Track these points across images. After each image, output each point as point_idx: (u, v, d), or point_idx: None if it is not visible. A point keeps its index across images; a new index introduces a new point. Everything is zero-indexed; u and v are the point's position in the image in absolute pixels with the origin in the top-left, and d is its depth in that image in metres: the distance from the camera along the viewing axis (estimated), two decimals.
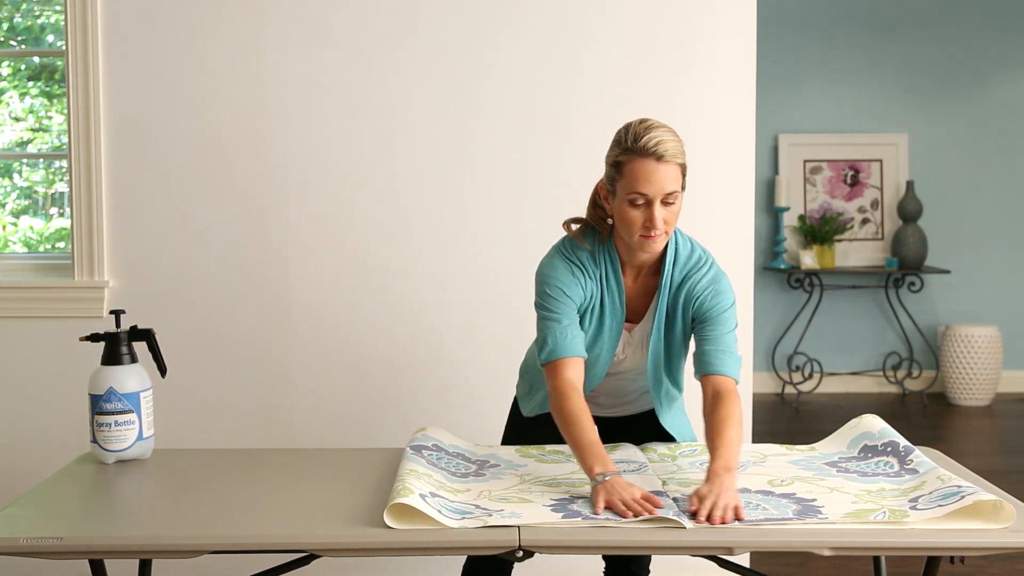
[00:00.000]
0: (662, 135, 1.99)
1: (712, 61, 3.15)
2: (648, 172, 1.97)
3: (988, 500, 1.72)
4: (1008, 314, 6.37)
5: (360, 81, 3.15)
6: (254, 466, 2.12)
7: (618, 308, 2.14)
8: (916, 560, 2.32)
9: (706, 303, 2.12)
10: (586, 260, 2.13)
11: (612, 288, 2.14)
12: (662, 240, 2.03)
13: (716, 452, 1.92)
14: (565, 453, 2.15)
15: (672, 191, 1.99)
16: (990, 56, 6.29)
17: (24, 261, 3.41)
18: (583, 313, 2.13)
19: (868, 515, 1.73)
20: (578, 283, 2.11)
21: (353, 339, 3.21)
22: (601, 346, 2.17)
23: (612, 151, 2.05)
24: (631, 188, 1.99)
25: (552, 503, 1.81)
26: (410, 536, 1.69)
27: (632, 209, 2.00)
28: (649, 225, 2.00)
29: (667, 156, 1.97)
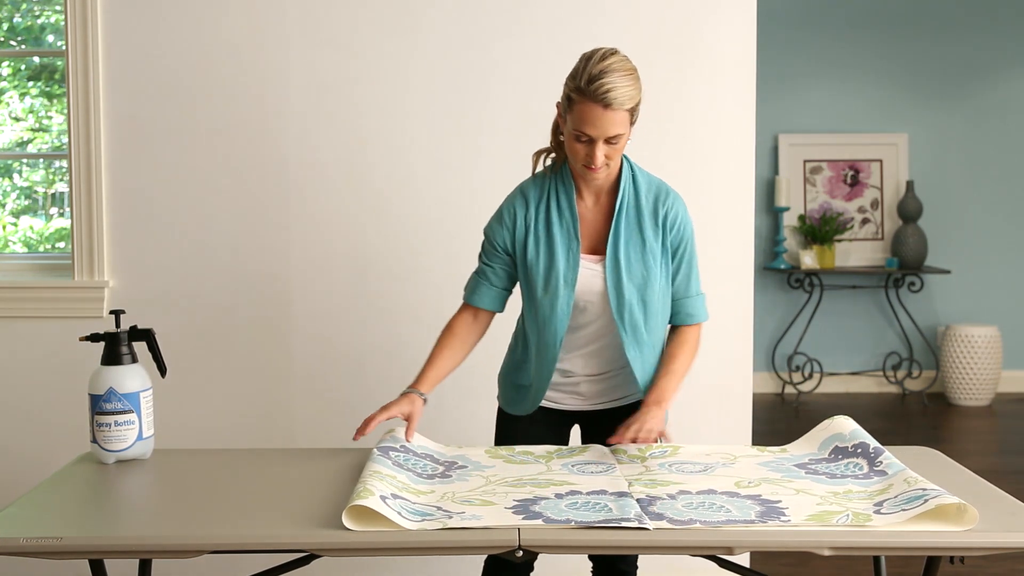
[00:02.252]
0: (615, 81, 2.03)
1: (712, 61, 3.15)
2: (594, 117, 2.04)
3: (952, 503, 1.71)
4: (1008, 314, 6.37)
5: (360, 81, 3.15)
6: (254, 466, 2.12)
7: (570, 232, 2.18)
8: (916, 560, 2.32)
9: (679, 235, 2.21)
10: (529, 190, 2.22)
11: (563, 211, 2.19)
12: (603, 172, 2.12)
13: (654, 383, 2.19)
14: (534, 454, 2.15)
15: (617, 134, 2.07)
16: (990, 56, 6.29)
17: (24, 261, 3.41)
18: (526, 243, 2.20)
19: (831, 517, 1.73)
20: (507, 226, 2.22)
21: (353, 339, 3.21)
22: (557, 278, 2.17)
23: (569, 82, 2.10)
24: (577, 126, 2.07)
25: (514, 504, 1.80)
26: (410, 536, 1.68)
27: (576, 143, 2.09)
28: (589, 160, 2.09)
29: (615, 104, 2.03)
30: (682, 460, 2.10)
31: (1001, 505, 1.85)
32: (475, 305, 2.27)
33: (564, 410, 2.33)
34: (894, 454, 2.24)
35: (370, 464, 1.95)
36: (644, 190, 2.20)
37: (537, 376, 2.27)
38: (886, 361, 6.40)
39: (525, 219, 2.20)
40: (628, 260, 2.18)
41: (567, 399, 2.32)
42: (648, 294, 2.19)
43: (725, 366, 3.23)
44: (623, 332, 2.19)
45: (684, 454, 2.14)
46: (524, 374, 2.33)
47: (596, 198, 2.21)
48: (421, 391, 2.19)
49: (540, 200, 2.20)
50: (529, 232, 2.19)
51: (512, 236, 2.21)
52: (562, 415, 2.34)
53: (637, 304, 2.18)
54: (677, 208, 2.21)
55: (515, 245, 2.22)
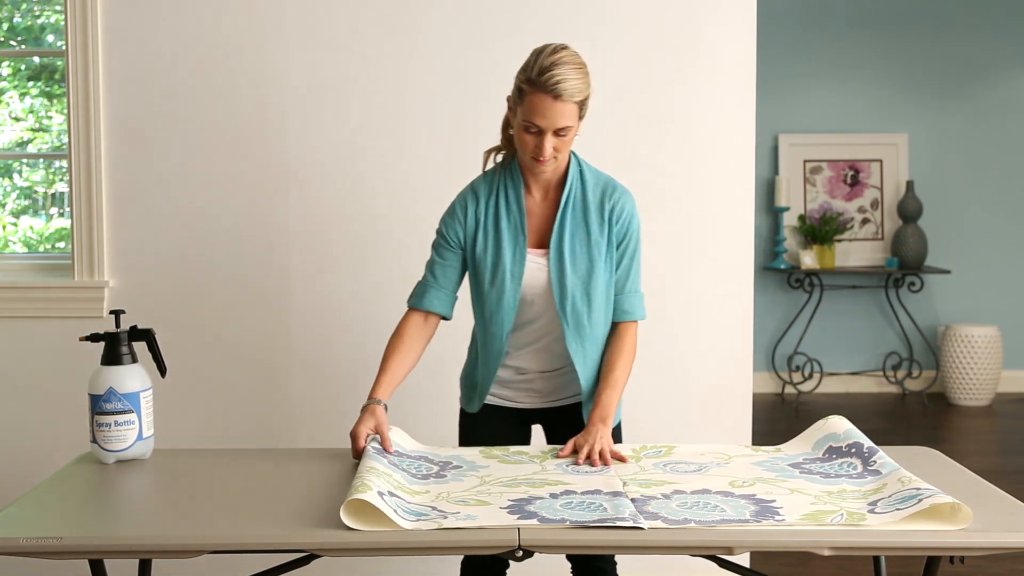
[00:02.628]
0: (565, 73, 2.07)
1: (712, 61, 3.15)
2: (544, 108, 2.08)
3: (946, 503, 1.72)
4: (1008, 314, 6.37)
5: (360, 81, 3.15)
6: (254, 466, 2.12)
7: (517, 226, 2.21)
8: (916, 560, 2.32)
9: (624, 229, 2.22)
10: (479, 186, 2.26)
11: (511, 206, 2.22)
12: (551, 164, 2.15)
13: (597, 400, 2.18)
14: (529, 454, 2.15)
15: (566, 126, 2.10)
16: (990, 56, 6.29)
17: (24, 261, 3.41)
18: (475, 238, 2.23)
19: (825, 517, 1.73)
20: (459, 220, 2.25)
21: (353, 339, 3.21)
22: (503, 272, 2.20)
23: (520, 74, 2.14)
24: (527, 117, 2.10)
25: (509, 504, 1.80)
26: (410, 536, 1.69)
27: (526, 134, 2.12)
28: (538, 152, 2.11)
29: (565, 96, 2.07)
30: (676, 460, 2.10)
31: (1001, 505, 1.85)
32: (424, 309, 2.28)
33: (523, 408, 2.35)
34: (894, 454, 2.24)
35: (365, 460, 1.95)
36: (591, 185, 2.23)
37: (484, 370, 2.30)
38: (886, 361, 6.40)
39: (475, 214, 2.24)
40: (573, 253, 2.20)
41: (523, 397, 2.34)
42: (592, 287, 2.20)
43: (725, 366, 3.23)
44: (565, 325, 2.21)
45: (678, 454, 2.15)
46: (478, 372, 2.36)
47: (544, 193, 2.24)
48: (380, 399, 2.20)
49: (490, 195, 2.24)
50: (479, 227, 2.24)
51: (464, 230, 2.25)
52: (521, 413, 2.36)
53: (580, 297, 2.20)
54: (624, 202, 2.22)
55: (466, 239, 2.25)
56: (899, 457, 2.20)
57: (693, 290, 3.21)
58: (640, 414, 3.22)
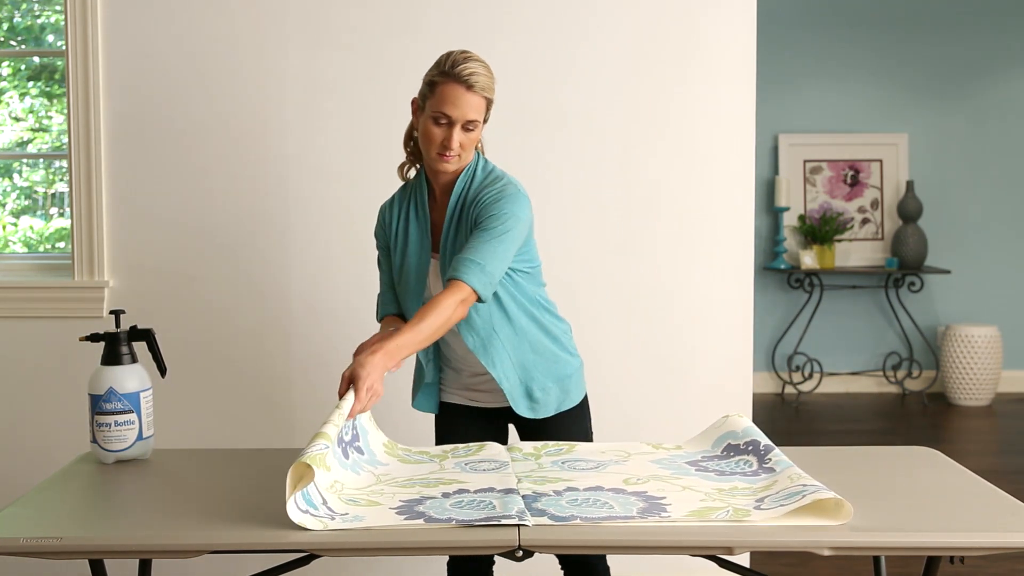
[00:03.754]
0: (477, 68, 2.16)
1: (712, 61, 3.15)
2: (456, 96, 2.14)
3: (829, 498, 1.73)
4: (1008, 314, 6.37)
5: (360, 81, 3.15)
6: (254, 466, 2.12)
7: (424, 232, 2.29)
8: (916, 560, 2.32)
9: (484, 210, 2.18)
10: (397, 194, 2.36)
11: (419, 213, 2.30)
12: (455, 162, 2.20)
13: (390, 333, 2.07)
14: (430, 453, 2.14)
15: (474, 119, 2.17)
16: (990, 55, 6.29)
17: (24, 261, 3.41)
18: (392, 244, 2.33)
19: (711, 513, 1.74)
20: (380, 226, 2.36)
21: (353, 339, 3.19)
22: (408, 274, 2.28)
23: (431, 71, 2.20)
24: (438, 107, 2.15)
25: (399, 505, 1.79)
26: (410, 536, 1.69)
27: (435, 127, 2.17)
28: (446, 144, 2.17)
29: (476, 87, 2.15)
30: (575, 458, 2.10)
31: (1001, 505, 1.85)
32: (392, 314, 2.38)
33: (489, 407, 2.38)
34: (894, 454, 2.24)
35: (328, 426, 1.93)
36: (478, 184, 2.24)
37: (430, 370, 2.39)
38: (886, 361, 6.40)
39: (391, 221, 2.34)
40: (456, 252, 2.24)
41: (485, 397, 2.37)
42: None
43: (725, 366, 3.23)
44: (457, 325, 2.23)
45: (579, 451, 2.15)
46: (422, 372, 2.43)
47: (445, 199, 2.29)
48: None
49: (403, 203, 2.33)
50: (393, 232, 2.33)
51: (386, 235, 2.36)
52: (489, 413, 2.38)
53: None
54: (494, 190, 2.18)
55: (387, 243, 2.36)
56: (899, 457, 2.21)
57: (693, 290, 3.21)
58: (640, 414, 3.22)
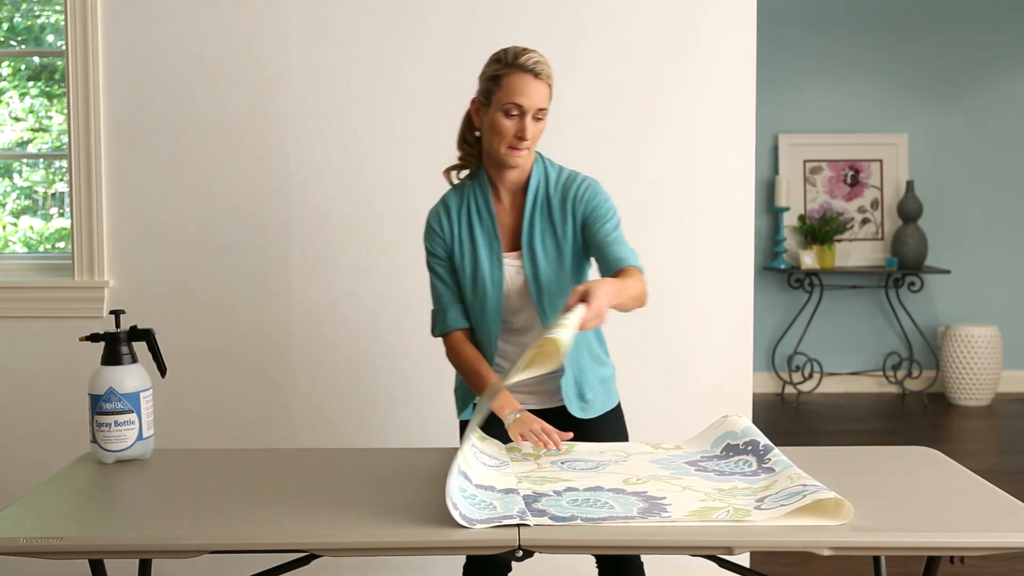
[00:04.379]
0: (539, 56, 2.18)
1: (712, 61, 3.15)
2: (525, 85, 2.15)
3: (829, 498, 1.74)
4: (1008, 314, 6.37)
5: (360, 81, 3.15)
6: (254, 466, 2.12)
7: (491, 234, 2.26)
8: (916, 560, 2.32)
9: (590, 203, 2.23)
10: (450, 199, 2.30)
11: (483, 214, 2.27)
12: (527, 155, 2.20)
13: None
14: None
15: (543, 108, 2.17)
16: (990, 56, 6.29)
17: (24, 261, 3.41)
18: (453, 252, 2.27)
19: (712, 513, 1.74)
20: (437, 234, 2.29)
21: (353, 339, 3.21)
22: (483, 279, 2.24)
23: (490, 67, 2.20)
24: (508, 99, 2.15)
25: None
26: (410, 536, 1.69)
27: (506, 120, 2.16)
28: (520, 135, 2.16)
29: (543, 75, 2.16)
30: (575, 458, 2.10)
31: (1001, 505, 1.85)
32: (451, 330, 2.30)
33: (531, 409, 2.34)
34: (894, 454, 2.24)
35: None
36: (554, 181, 2.27)
37: None
38: (886, 361, 6.40)
39: (450, 226, 2.28)
40: (544, 250, 2.24)
41: (531, 399, 2.35)
42: (562, 276, 2.25)
43: (725, 366, 3.23)
44: (544, 320, 2.25)
45: (578, 452, 2.15)
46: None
47: (512, 198, 2.28)
48: (521, 408, 2.19)
49: (460, 207, 2.29)
50: (455, 239, 2.28)
51: (444, 242, 2.29)
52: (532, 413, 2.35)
53: (557, 292, 2.24)
54: (583, 184, 2.25)
55: (448, 250, 2.29)
56: (899, 457, 2.21)
57: (693, 290, 3.21)
58: (640, 414, 3.22)
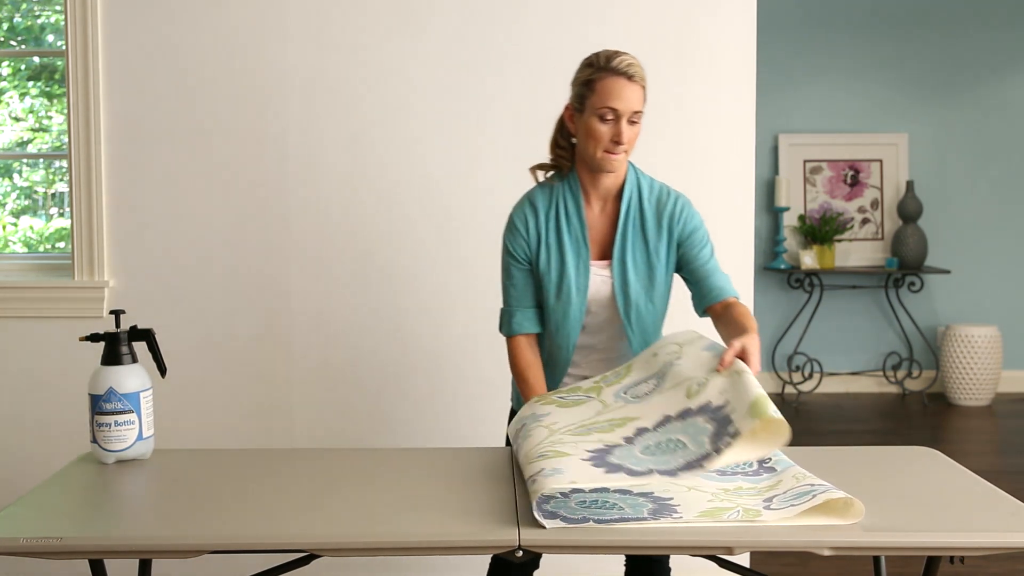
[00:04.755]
0: (632, 59, 2.15)
1: (712, 61, 3.15)
2: (620, 88, 2.12)
3: (839, 498, 1.73)
4: (1008, 314, 6.37)
5: (360, 80, 3.15)
6: (254, 466, 2.12)
7: (579, 239, 2.23)
8: (916, 560, 2.32)
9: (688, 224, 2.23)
10: (537, 199, 2.27)
11: (572, 219, 2.24)
12: (622, 160, 2.17)
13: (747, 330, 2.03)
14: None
15: (638, 111, 2.15)
16: (990, 56, 6.29)
17: (24, 261, 3.41)
18: (538, 254, 2.24)
19: (722, 514, 1.74)
20: (521, 235, 2.25)
21: (353, 339, 3.21)
22: (569, 285, 2.22)
23: (583, 72, 2.18)
24: (603, 103, 2.12)
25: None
26: (410, 536, 1.69)
27: (601, 124, 2.14)
28: (617, 140, 2.13)
29: (636, 77, 2.14)
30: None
31: (1001, 505, 1.85)
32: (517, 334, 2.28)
33: None
34: (894, 454, 2.24)
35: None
36: (647, 193, 2.25)
37: (550, 379, 2.31)
38: (886, 361, 6.40)
39: (536, 227, 2.24)
40: (635, 263, 2.22)
41: None
42: (654, 295, 2.23)
43: None
44: (631, 333, 2.24)
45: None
46: None
47: (603, 204, 2.25)
48: None
49: (549, 208, 2.25)
50: (541, 241, 2.24)
51: (527, 245, 2.25)
52: None
53: (644, 305, 2.23)
54: (680, 203, 2.25)
55: (530, 253, 2.26)
56: (899, 457, 2.21)
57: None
58: None
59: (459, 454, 2.22)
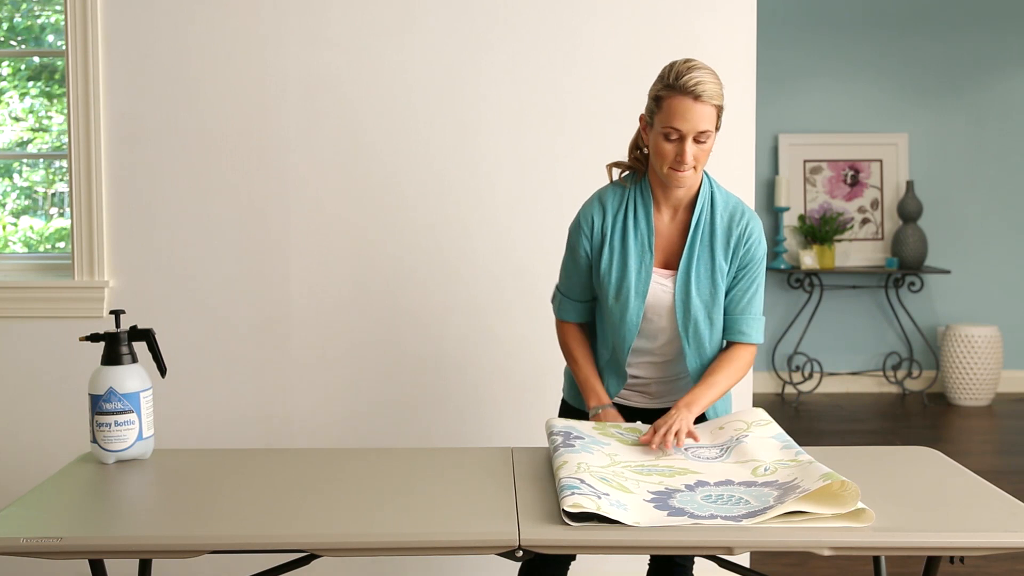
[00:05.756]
0: (703, 76, 2.09)
1: (712, 61, 3.14)
2: (685, 109, 2.07)
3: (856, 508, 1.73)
4: (1008, 314, 6.37)
5: (360, 80, 3.15)
6: (254, 466, 2.12)
7: (645, 245, 2.20)
8: (916, 560, 2.32)
9: (751, 250, 2.21)
10: (608, 196, 2.25)
11: (640, 223, 2.21)
12: (690, 176, 2.13)
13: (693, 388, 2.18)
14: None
15: (705, 130, 2.09)
16: (990, 56, 6.29)
17: (24, 261, 3.41)
18: (601, 251, 2.23)
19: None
20: (586, 235, 2.24)
21: (353, 339, 3.21)
22: (628, 289, 2.20)
23: (655, 85, 2.15)
24: (667, 122, 2.09)
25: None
26: (410, 536, 1.69)
27: (666, 143, 2.11)
28: (680, 159, 2.10)
29: (704, 96, 2.07)
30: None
31: (1001, 505, 1.85)
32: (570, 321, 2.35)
33: (632, 407, 2.36)
34: (894, 454, 2.25)
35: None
36: (720, 208, 2.22)
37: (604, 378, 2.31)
38: (886, 361, 6.40)
39: (602, 227, 2.23)
40: (698, 277, 2.20)
41: (636, 397, 2.35)
42: (714, 311, 2.21)
43: None
44: (687, 345, 2.23)
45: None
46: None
47: (673, 213, 2.23)
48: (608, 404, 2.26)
49: (619, 210, 2.23)
50: (605, 241, 2.23)
51: (590, 243, 2.25)
52: (629, 411, 2.36)
53: (703, 320, 2.21)
54: (752, 227, 2.22)
55: (592, 251, 2.25)
56: (899, 457, 2.21)
57: None
58: None
59: (459, 454, 2.22)
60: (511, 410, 3.15)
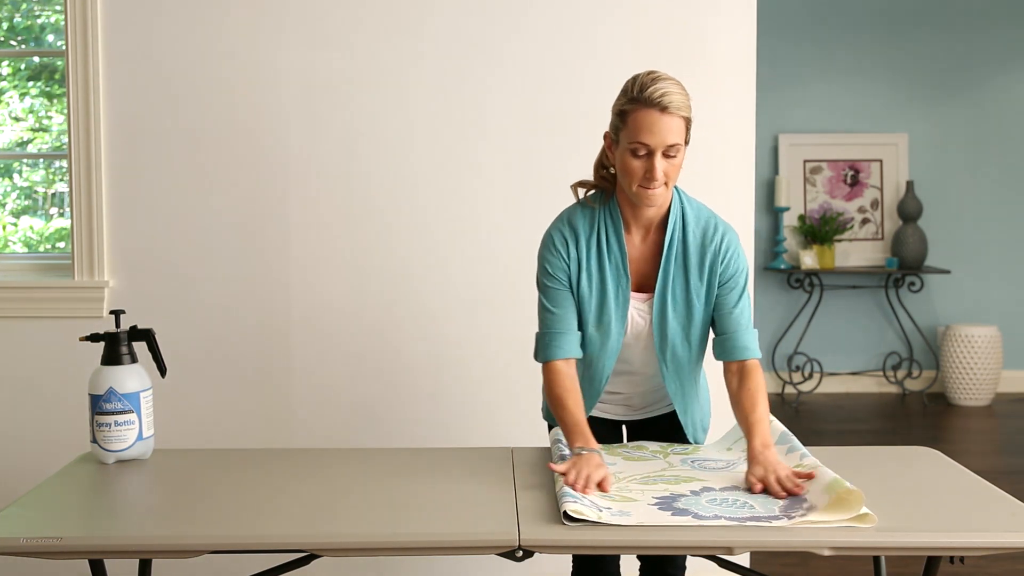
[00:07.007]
0: (668, 87, 2.00)
1: (712, 61, 3.15)
2: (651, 122, 1.98)
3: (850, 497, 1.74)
4: (1008, 314, 6.37)
5: (361, 81, 3.15)
6: (254, 466, 2.12)
7: (620, 269, 2.12)
8: (916, 560, 2.32)
9: (730, 266, 2.13)
10: (578, 221, 2.15)
11: (613, 248, 2.13)
12: (661, 194, 2.04)
13: (752, 430, 2.01)
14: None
15: (674, 143, 2.00)
16: (990, 55, 6.29)
17: (24, 261, 3.41)
18: (580, 280, 2.13)
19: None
20: (562, 258, 2.13)
21: (353, 339, 3.21)
22: (609, 315, 2.13)
23: (619, 100, 2.06)
24: (634, 138, 2.00)
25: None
26: (410, 536, 1.69)
27: (633, 159, 2.02)
28: (649, 176, 2.00)
29: (672, 108, 1.99)
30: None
31: (1001, 505, 1.85)
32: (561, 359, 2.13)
33: (614, 419, 2.34)
34: (894, 454, 2.25)
35: None
36: (692, 226, 2.14)
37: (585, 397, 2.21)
38: (886, 361, 6.40)
39: (577, 251, 2.13)
40: (674, 300, 2.14)
41: (617, 409, 2.33)
42: (691, 333, 2.15)
43: None
44: (664, 368, 2.17)
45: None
46: None
47: (645, 234, 2.15)
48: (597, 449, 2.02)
49: (591, 233, 2.13)
50: (582, 266, 2.13)
51: (567, 267, 2.14)
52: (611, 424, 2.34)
53: (681, 343, 2.16)
54: (727, 241, 2.14)
55: (571, 277, 2.14)
56: (899, 457, 2.21)
57: None
58: None
59: (459, 454, 2.22)
60: (511, 410, 3.15)
